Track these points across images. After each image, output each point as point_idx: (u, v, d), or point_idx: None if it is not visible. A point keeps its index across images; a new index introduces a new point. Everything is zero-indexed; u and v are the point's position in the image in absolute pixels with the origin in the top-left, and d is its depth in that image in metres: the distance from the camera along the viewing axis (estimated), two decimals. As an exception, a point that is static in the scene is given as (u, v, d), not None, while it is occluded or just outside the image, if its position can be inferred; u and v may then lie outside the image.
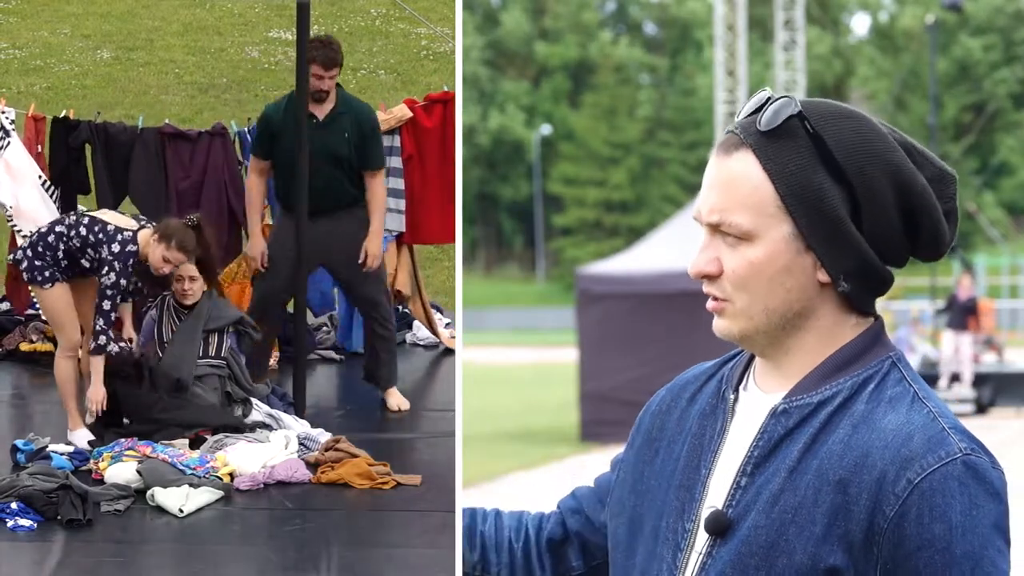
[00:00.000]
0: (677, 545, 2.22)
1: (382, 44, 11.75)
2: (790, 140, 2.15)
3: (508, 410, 24.23)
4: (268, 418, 8.09)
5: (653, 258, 19.15)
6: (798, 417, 2.17)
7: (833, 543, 2.08)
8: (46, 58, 11.49)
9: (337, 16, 11.93)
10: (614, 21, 73.89)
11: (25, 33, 11.72)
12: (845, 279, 2.17)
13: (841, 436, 2.12)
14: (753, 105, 2.20)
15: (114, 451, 7.48)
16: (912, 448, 2.08)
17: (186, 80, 11.41)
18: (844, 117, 2.17)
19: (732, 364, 2.34)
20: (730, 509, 2.17)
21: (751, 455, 2.18)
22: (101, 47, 11.71)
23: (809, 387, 2.18)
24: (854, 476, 2.08)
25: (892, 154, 2.16)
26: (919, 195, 2.17)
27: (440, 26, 10.81)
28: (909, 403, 2.14)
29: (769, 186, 2.15)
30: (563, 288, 55.13)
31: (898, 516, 2.05)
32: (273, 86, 11.15)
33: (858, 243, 2.16)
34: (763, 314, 2.18)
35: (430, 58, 11.50)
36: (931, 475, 2.06)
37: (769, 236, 2.15)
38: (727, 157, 2.18)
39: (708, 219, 2.19)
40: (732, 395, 2.27)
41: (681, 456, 2.29)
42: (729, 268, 2.18)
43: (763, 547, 2.12)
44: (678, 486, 2.26)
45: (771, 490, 2.14)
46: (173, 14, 12.19)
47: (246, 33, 11.93)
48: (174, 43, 11.85)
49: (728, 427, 2.25)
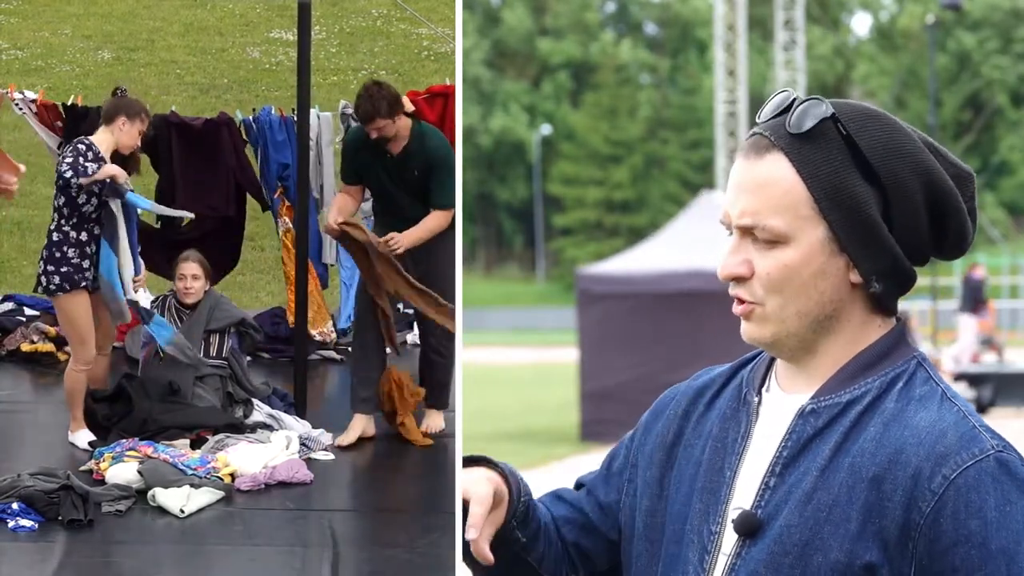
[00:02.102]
0: (704, 547, 2.22)
1: (383, 44, 11.76)
2: (823, 142, 2.15)
3: (508, 410, 24.22)
4: (269, 419, 8.09)
5: (653, 258, 19.15)
6: (827, 417, 2.17)
7: (868, 540, 2.08)
8: (47, 59, 11.50)
9: (338, 16, 11.94)
10: (615, 21, 73.88)
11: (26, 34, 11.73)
12: (877, 280, 2.18)
13: (873, 434, 2.13)
14: (777, 106, 2.20)
15: (115, 451, 7.48)
16: (947, 445, 2.09)
17: (187, 81, 11.42)
18: (873, 118, 2.18)
19: (751, 367, 2.34)
20: (759, 510, 2.17)
21: (780, 455, 2.19)
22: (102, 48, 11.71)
23: (837, 387, 2.19)
24: (888, 472, 2.09)
25: (922, 155, 2.18)
26: (948, 196, 2.18)
27: (441, 26, 10.82)
28: (939, 401, 2.16)
29: (803, 189, 2.15)
30: (563, 288, 55.11)
31: (934, 512, 2.06)
32: (274, 86, 11.16)
33: (890, 244, 2.17)
34: (795, 317, 2.18)
35: (431, 59, 11.51)
36: (966, 471, 2.07)
37: (804, 239, 2.15)
38: (758, 160, 2.18)
39: (740, 222, 2.18)
40: (756, 397, 2.27)
41: (702, 460, 2.29)
42: (763, 271, 2.17)
43: (797, 546, 2.12)
44: (701, 489, 2.26)
45: (803, 489, 2.14)
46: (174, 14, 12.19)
47: (247, 33, 11.93)
48: (175, 44, 11.86)
49: (752, 429, 2.25)
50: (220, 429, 7.83)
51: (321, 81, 10.82)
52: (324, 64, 11.33)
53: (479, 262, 67.51)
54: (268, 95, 10.77)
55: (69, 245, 7.54)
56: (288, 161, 8.58)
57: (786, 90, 2.24)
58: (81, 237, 7.55)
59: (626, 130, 65.25)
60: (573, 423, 19.52)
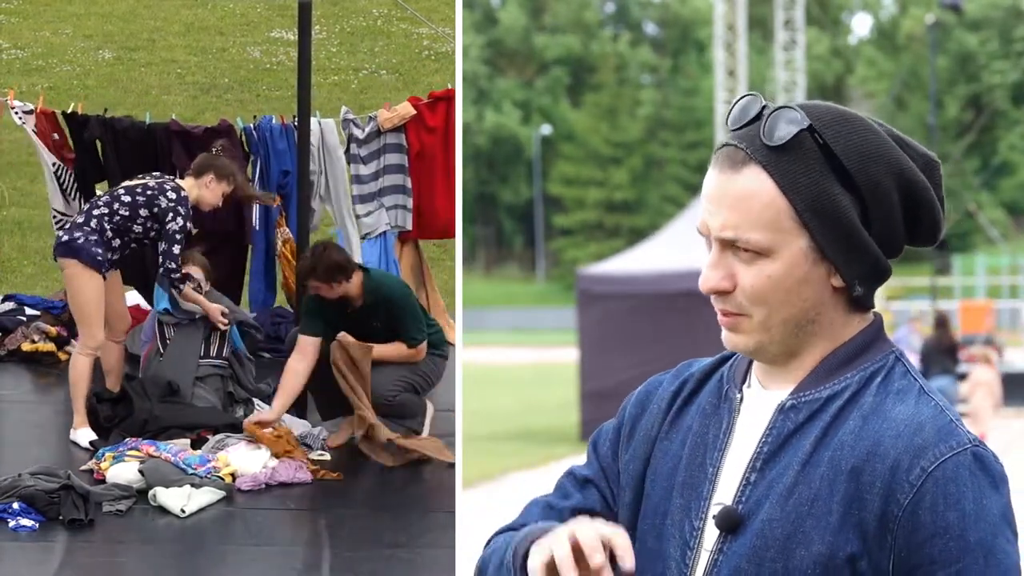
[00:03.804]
0: (686, 543, 2.23)
1: (384, 44, 11.77)
2: (800, 152, 2.16)
3: (508, 410, 24.23)
4: (269, 418, 8.09)
5: (653, 258, 19.15)
6: (807, 412, 2.19)
7: (849, 532, 2.10)
8: (48, 58, 11.51)
9: (339, 16, 11.95)
10: (615, 20, 73.88)
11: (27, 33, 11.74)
12: (860, 283, 2.19)
13: (852, 427, 2.15)
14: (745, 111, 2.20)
15: (117, 451, 7.48)
16: (924, 437, 2.11)
17: (188, 80, 11.42)
18: (845, 121, 2.18)
19: (732, 363, 2.35)
20: (740, 505, 2.18)
21: (760, 451, 2.20)
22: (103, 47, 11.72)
23: (816, 383, 2.20)
24: (867, 464, 2.11)
25: (894, 153, 2.19)
26: (921, 189, 2.20)
27: (441, 26, 10.83)
28: (916, 395, 2.17)
29: (784, 202, 2.15)
30: (563, 288, 55.11)
31: (912, 504, 2.08)
32: (275, 86, 11.16)
33: (870, 247, 2.18)
34: (780, 325, 2.19)
35: (432, 58, 11.52)
36: (944, 464, 2.09)
37: (786, 250, 2.16)
38: (735, 173, 2.18)
39: (721, 235, 2.18)
40: (738, 394, 2.28)
41: (682, 455, 2.29)
42: (747, 284, 2.18)
43: (779, 539, 2.13)
44: (681, 484, 2.27)
45: (784, 484, 2.15)
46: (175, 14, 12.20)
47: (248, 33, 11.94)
48: (176, 43, 11.86)
49: (734, 425, 2.26)
50: (220, 429, 7.83)
51: (322, 81, 10.83)
52: (324, 64, 11.35)
53: (479, 262, 67.51)
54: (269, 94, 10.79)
55: (100, 238, 7.62)
56: (289, 167, 8.59)
57: (752, 94, 2.23)
58: (113, 243, 7.65)
59: (626, 131, 65.24)
60: (573, 423, 19.52)
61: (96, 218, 7.62)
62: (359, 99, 10.89)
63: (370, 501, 7.43)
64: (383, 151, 8.83)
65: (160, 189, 7.67)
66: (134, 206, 7.63)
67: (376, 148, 8.81)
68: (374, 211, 8.84)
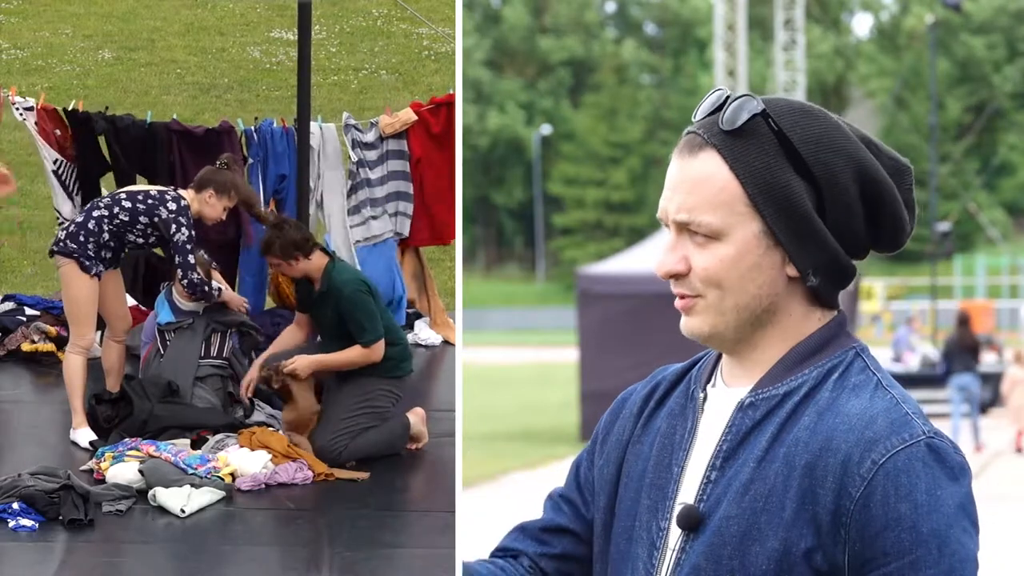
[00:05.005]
0: (652, 544, 2.24)
1: (384, 44, 11.76)
2: (754, 138, 2.18)
3: (508, 410, 24.25)
4: (270, 418, 8.10)
5: (653, 258, 19.15)
6: (765, 409, 2.20)
7: (803, 526, 2.10)
8: (48, 58, 11.51)
9: (339, 16, 11.94)
10: (615, 21, 73.89)
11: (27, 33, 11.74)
12: (814, 273, 2.20)
13: (807, 423, 2.15)
14: (711, 105, 2.22)
15: (117, 451, 7.48)
16: (876, 430, 2.11)
17: (188, 80, 11.42)
18: (805, 113, 2.20)
19: (700, 363, 2.37)
20: (701, 503, 2.19)
21: (720, 449, 2.21)
22: (102, 47, 11.72)
23: (775, 379, 2.21)
24: (820, 460, 2.11)
25: (854, 148, 2.20)
26: (881, 187, 2.21)
27: (442, 26, 10.83)
28: (872, 390, 2.17)
29: (736, 185, 2.17)
30: (563, 288, 55.14)
31: (864, 497, 2.08)
32: (275, 86, 11.16)
33: (825, 237, 2.19)
34: (734, 311, 2.20)
35: (432, 58, 11.52)
36: (895, 456, 2.09)
37: (739, 234, 2.18)
38: (692, 158, 2.20)
39: (676, 217, 2.20)
40: (701, 393, 2.29)
41: (651, 457, 2.31)
42: (699, 266, 2.20)
43: (735, 536, 2.14)
44: (649, 485, 2.28)
45: (741, 481, 2.16)
46: (174, 14, 12.20)
47: (248, 33, 11.94)
48: (175, 43, 11.86)
49: (699, 425, 2.27)
50: (220, 429, 7.83)
51: (321, 81, 10.83)
52: (324, 64, 11.34)
53: (479, 262, 67.53)
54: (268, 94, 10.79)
55: (97, 239, 7.62)
56: (286, 172, 8.58)
57: (720, 88, 2.26)
58: (110, 244, 7.65)
59: (626, 131, 65.27)
60: (573, 423, 19.54)
61: (95, 219, 7.63)
62: (359, 99, 10.90)
63: (370, 501, 7.42)
64: (386, 157, 8.84)
65: (161, 199, 7.66)
66: (134, 212, 7.63)
67: (380, 153, 8.82)
68: (380, 217, 8.84)
